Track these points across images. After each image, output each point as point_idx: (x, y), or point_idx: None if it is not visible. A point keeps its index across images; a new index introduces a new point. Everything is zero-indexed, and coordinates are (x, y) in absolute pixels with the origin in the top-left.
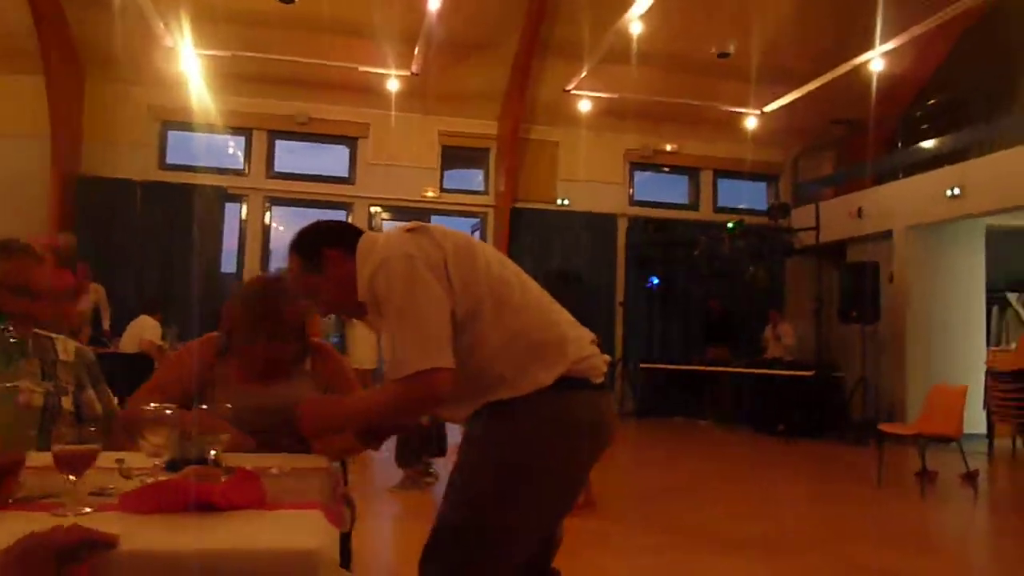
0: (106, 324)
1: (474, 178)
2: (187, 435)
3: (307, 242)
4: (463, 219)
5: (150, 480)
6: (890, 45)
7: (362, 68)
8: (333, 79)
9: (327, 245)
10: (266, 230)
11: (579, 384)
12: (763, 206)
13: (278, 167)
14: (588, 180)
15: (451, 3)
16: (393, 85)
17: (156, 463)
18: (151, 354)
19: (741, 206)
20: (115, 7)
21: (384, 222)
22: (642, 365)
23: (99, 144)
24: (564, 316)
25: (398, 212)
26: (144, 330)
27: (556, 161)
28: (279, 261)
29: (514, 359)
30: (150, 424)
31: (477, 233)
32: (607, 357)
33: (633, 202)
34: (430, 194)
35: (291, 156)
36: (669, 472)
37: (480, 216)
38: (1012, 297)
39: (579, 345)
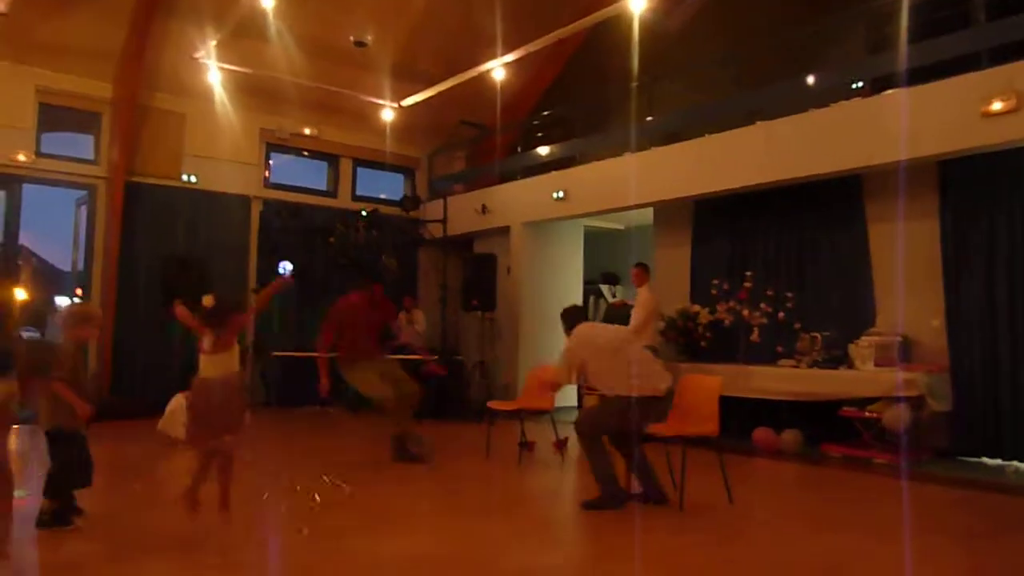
0: None
1: (82, 144)
2: None
3: None
4: (66, 190)
5: None
6: (510, 57)
7: None
8: None
9: None
10: None
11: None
12: (401, 197)
13: None
14: (219, 158)
15: None
16: None
17: None
18: None
19: (382, 196)
20: None
21: None
22: (275, 354)
23: None
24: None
25: None
26: None
27: (183, 135)
28: None
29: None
30: None
31: (84, 208)
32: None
33: (268, 184)
34: (22, 158)
35: None
36: (280, 461)
37: (88, 188)
38: (604, 288)
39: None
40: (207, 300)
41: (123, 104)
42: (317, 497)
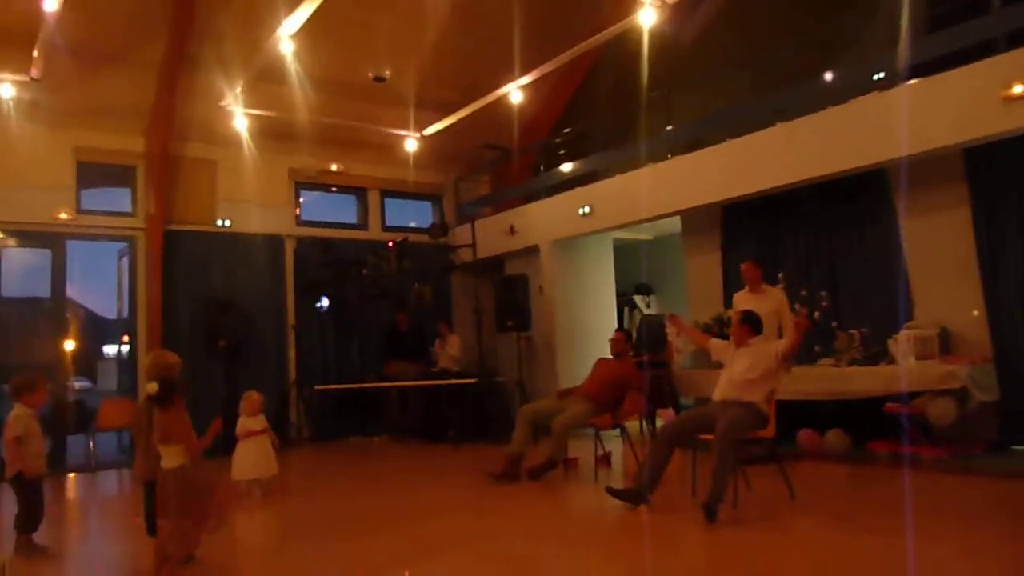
0: None
1: (120, 198)
2: None
3: None
4: (108, 243)
5: None
6: (527, 79)
7: None
8: None
9: None
10: None
11: None
12: (429, 225)
13: None
14: (251, 201)
15: (75, 5)
16: (7, 91)
17: None
18: None
19: (411, 224)
20: None
21: (8, 248)
22: (317, 388)
23: None
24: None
25: (25, 237)
26: None
27: (215, 181)
28: None
29: None
30: None
31: (126, 259)
32: None
33: (300, 223)
34: (64, 216)
35: None
36: (340, 499)
37: (128, 239)
38: (637, 298)
39: None
40: (151, 387)
41: (156, 156)
42: None
